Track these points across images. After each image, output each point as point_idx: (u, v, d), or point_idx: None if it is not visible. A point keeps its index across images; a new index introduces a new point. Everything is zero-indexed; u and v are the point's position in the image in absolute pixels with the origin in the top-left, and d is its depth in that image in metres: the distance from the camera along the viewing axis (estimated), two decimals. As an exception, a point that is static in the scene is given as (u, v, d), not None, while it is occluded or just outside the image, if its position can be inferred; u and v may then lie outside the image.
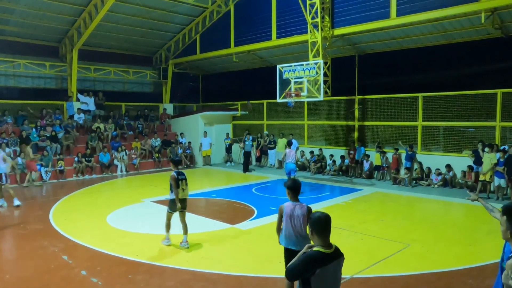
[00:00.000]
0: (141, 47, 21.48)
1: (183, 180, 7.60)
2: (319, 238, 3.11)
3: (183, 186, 7.56)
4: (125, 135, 19.30)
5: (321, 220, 3.14)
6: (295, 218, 4.84)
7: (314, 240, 3.15)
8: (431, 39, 14.62)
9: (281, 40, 16.97)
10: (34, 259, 6.98)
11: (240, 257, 7.06)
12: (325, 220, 3.15)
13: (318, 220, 3.14)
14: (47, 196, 13.10)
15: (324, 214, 3.19)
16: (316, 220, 3.15)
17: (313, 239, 3.16)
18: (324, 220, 3.14)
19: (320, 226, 3.12)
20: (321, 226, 3.12)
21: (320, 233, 3.11)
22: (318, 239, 3.12)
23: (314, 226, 3.13)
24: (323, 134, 18.17)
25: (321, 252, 3.05)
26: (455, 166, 13.46)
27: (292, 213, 4.86)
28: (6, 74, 18.16)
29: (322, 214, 3.18)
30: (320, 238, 3.11)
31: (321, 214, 3.18)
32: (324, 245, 3.10)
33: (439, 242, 7.82)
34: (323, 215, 3.17)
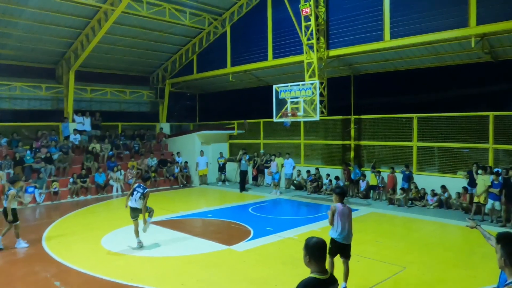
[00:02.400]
0: (138, 67, 21.64)
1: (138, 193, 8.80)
2: (316, 264, 3.05)
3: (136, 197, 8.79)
4: (121, 154, 19.26)
5: (319, 245, 3.08)
6: (345, 216, 6.29)
7: (311, 266, 3.08)
8: (424, 61, 14.86)
9: (277, 60, 17.17)
10: (26, 285, 6.86)
11: (236, 279, 6.97)
12: (322, 246, 3.10)
13: (316, 246, 3.07)
14: (41, 218, 12.95)
15: (320, 239, 3.12)
16: (314, 245, 3.07)
17: (310, 265, 3.08)
18: (321, 246, 3.09)
19: (318, 252, 3.07)
20: (318, 252, 3.07)
21: (317, 259, 3.05)
22: (315, 265, 3.06)
23: (312, 252, 3.06)
24: (319, 153, 18.20)
25: (317, 279, 3.01)
26: (450, 187, 13.48)
27: (343, 212, 6.29)
28: (0, 97, 18.04)
29: (319, 240, 3.11)
30: (316, 264, 3.05)
31: (318, 240, 3.11)
32: (320, 271, 3.04)
33: (435, 265, 7.77)
34: (320, 241, 3.10)
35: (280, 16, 16.69)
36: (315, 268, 3.05)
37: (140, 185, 8.86)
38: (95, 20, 16.20)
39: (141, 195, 8.73)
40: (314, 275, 3.03)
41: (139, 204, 8.77)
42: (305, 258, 3.10)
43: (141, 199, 8.74)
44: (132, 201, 8.79)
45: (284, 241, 9.43)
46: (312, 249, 3.06)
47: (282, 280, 6.84)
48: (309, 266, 3.10)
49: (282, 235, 9.90)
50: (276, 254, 8.42)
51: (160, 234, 10.21)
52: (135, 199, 8.75)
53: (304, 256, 3.12)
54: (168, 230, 10.57)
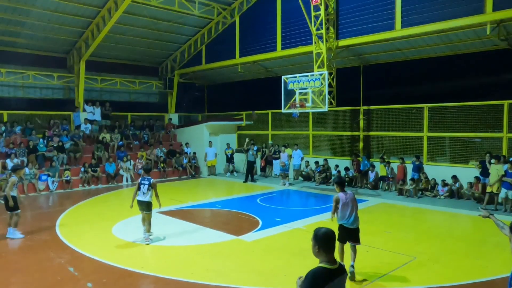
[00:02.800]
0: (147, 57, 21.72)
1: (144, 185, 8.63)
2: (325, 254, 3.08)
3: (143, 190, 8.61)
4: (130, 145, 19.43)
5: (327, 236, 3.11)
6: (348, 202, 6.74)
7: (320, 256, 3.11)
8: (436, 50, 14.65)
9: (286, 51, 17.08)
10: (41, 270, 7.01)
11: (245, 270, 7.04)
12: (332, 236, 3.13)
13: (325, 236, 3.11)
14: (54, 206, 13.18)
15: (329, 230, 3.15)
16: (323, 236, 3.11)
17: (319, 255, 3.12)
18: (330, 236, 3.12)
19: (327, 242, 3.10)
20: (327, 242, 3.10)
21: (326, 249, 3.08)
22: (324, 255, 3.09)
23: (321, 242, 3.09)
24: (328, 144, 18.16)
25: (326, 268, 3.03)
26: (461, 177, 13.39)
27: (346, 201, 6.72)
28: (15, 85, 18.41)
29: (328, 230, 3.14)
30: (325, 254, 3.08)
31: (327, 230, 3.14)
32: (329, 261, 3.07)
33: (445, 255, 7.76)
34: (329, 231, 3.13)
35: (289, 5, 16.56)
36: (324, 258, 3.08)
37: (145, 178, 8.72)
38: (105, 10, 16.30)
39: (149, 186, 8.60)
40: (323, 265, 3.06)
41: (148, 196, 8.60)
42: (314, 248, 3.13)
43: (150, 190, 8.65)
44: (140, 195, 8.60)
45: (293, 231, 9.48)
46: (321, 239, 3.09)
47: (290, 270, 6.89)
48: (318, 256, 3.13)
49: (290, 225, 9.94)
50: (285, 244, 8.47)
51: (170, 224, 10.33)
52: (143, 192, 8.60)
53: (313, 247, 3.14)
54: (177, 220, 10.68)
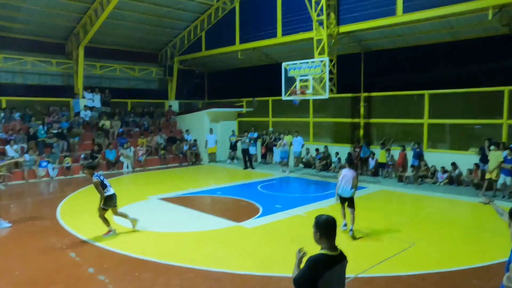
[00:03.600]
0: (146, 44, 21.54)
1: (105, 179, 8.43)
2: (326, 241, 3.10)
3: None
4: (131, 132, 19.42)
5: (328, 223, 3.12)
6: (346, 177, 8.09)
7: (321, 243, 3.13)
8: (438, 36, 14.51)
9: (286, 37, 16.93)
10: (43, 256, 7.07)
11: (245, 256, 7.10)
12: (333, 223, 3.14)
13: (326, 223, 3.12)
14: (54, 192, 13.24)
15: (330, 217, 3.16)
16: (324, 223, 3.12)
17: (320, 242, 3.14)
18: (331, 223, 3.13)
19: (328, 229, 3.11)
20: (328, 229, 3.11)
21: (327, 236, 3.10)
22: (325, 242, 3.11)
23: (322, 229, 3.10)
24: (328, 132, 18.16)
25: (327, 255, 3.05)
26: (461, 163, 13.41)
27: (345, 174, 8.12)
28: (13, 71, 18.30)
29: (329, 217, 3.15)
30: (327, 241, 3.10)
31: (328, 217, 3.15)
32: (330, 247, 3.10)
33: (444, 241, 7.82)
34: (330, 218, 3.15)
35: (290, -9, 16.37)
36: (326, 245, 3.10)
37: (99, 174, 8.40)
38: (103, -6, 16.09)
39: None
40: (324, 252, 3.07)
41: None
42: (316, 235, 3.14)
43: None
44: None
45: (293, 218, 9.53)
46: (322, 226, 3.10)
47: (290, 256, 6.87)
48: (319, 243, 3.14)
49: (290, 212, 9.99)
50: (285, 231, 8.52)
51: (170, 210, 10.39)
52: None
53: (314, 234, 3.16)
54: (177, 206, 10.73)
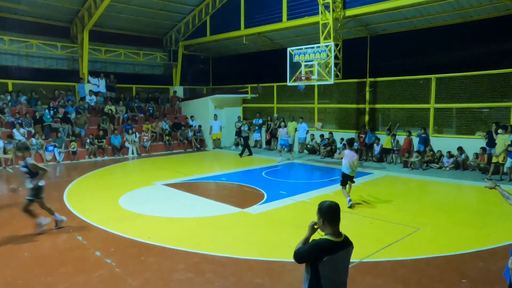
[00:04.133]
0: (151, 28, 21.39)
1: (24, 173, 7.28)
2: (330, 227, 3.11)
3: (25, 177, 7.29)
4: (135, 117, 19.45)
5: (332, 208, 3.13)
6: (350, 157, 9.13)
7: (325, 228, 3.14)
8: (446, 18, 14.24)
9: (291, 21, 16.74)
10: (51, 238, 7.17)
11: (250, 241, 7.14)
12: (336, 209, 3.14)
13: (329, 209, 3.13)
14: (61, 177, 13.35)
15: (334, 202, 3.17)
16: (327, 208, 3.13)
17: (324, 228, 3.15)
18: (334, 209, 3.14)
19: (331, 215, 3.11)
20: (332, 214, 3.11)
21: (331, 221, 3.11)
22: (329, 228, 3.12)
23: (325, 215, 3.11)
24: (333, 118, 18.07)
25: (330, 241, 3.06)
26: (467, 148, 13.34)
27: (348, 155, 9.13)
28: (19, 54, 18.32)
29: (332, 203, 3.17)
30: (330, 227, 3.11)
31: (331, 203, 3.16)
32: (334, 233, 3.10)
33: (449, 226, 7.81)
34: (333, 204, 3.16)
35: (296, -27, 16.12)
36: (330, 231, 3.11)
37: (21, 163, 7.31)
38: (108, -24, 15.94)
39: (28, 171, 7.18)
40: (329, 237, 3.08)
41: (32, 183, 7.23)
42: (319, 221, 3.15)
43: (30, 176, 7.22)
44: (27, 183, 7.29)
45: (297, 204, 9.55)
46: (325, 212, 3.12)
47: (294, 242, 6.88)
48: (323, 229, 3.15)
49: (295, 198, 10.01)
50: (289, 217, 8.55)
51: (175, 196, 10.45)
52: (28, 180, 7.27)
53: (318, 220, 3.17)
54: (182, 192, 10.78)
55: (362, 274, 5.70)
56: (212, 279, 5.56)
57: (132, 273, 5.75)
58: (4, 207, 9.58)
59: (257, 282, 5.49)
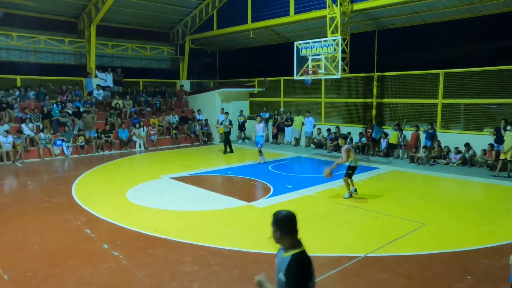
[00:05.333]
0: (158, 22, 21.41)
1: None
2: (290, 238, 2.75)
3: None
4: (143, 111, 19.55)
5: (289, 218, 2.78)
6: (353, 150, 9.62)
7: (283, 242, 2.77)
8: (455, 12, 14.05)
9: (298, 15, 16.65)
10: (59, 231, 7.28)
11: (256, 235, 7.19)
12: (293, 218, 2.80)
13: (286, 219, 2.77)
14: (69, 170, 13.50)
15: (290, 212, 2.82)
16: (284, 219, 2.77)
17: (282, 241, 2.78)
18: (292, 218, 2.79)
19: (290, 225, 2.77)
20: (290, 225, 2.77)
21: (290, 233, 2.75)
22: (289, 240, 2.75)
23: (283, 227, 2.74)
24: (340, 112, 18.01)
25: (304, 251, 2.74)
26: (475, 144, 13.23)
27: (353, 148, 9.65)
28: (27, 50, 18.47)
29: (289, 212, 2.81)
30: (290, 238, 2.76)
31: (288, 212, 2.81)
32: (295, 244, 2.75)
33: (455, 222, 7.80)
34: (290, 213, 2.81)
35: (303, -33, 16.01)
36: (290, 243, 2.75)
37: None
38: (114, -29, 15.97)
39: None
40: (300, 249, 2.73)
41: None
42: (275, 234, 2.77)
43: None
44: None
45: (303, 198, 9.58)
46: (283, 223, 2.76)
47: (300, 235, 7.02)
48: (280, 242, 2.79)
49: (301, 192, 10.04)
50: (295, 211, 8.38)
51: (182, 189, 10.53)
52: None
53: (274, 232, 2.78)
54: (189, 186, 10.86)
55: (367, 268, 5.73)
56: (217, 272, 5.62)
57: (139, 265, 5.84)
58: (13, 202, 9.73)
59: (262, 276, 5.54)
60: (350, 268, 5.75)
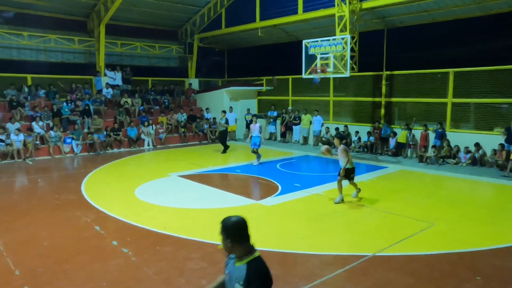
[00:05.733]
0: (166, 21, 21.52)
1: None
2: (242, 246, 2.54)
3: None
4: (151, 109, 19.66)
5: (240, 225, 2.56)
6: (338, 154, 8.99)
7: (235, 250, 2.56)
8: (466, 11, 13.92)
9: (307, 14, 16.61)
10: (69, 228, 7.37)
11: (264, 232, 7.19)
12: (244, 225, 2.58)
13: (237, 226, 2.55)
14: (79, 168, 13.63)
15: (240, 218, 2.60)
16: (235, 226, 2.55)
17: (234, 249, 2.56)
18: (243, 225, 2.57)
19: (241, 233, 2.55)
20: (242, 233, 2.56)
21: (241, 240, 2.54)
22: (242, 248, 2.54)
23: (234, 235, 2.52)
24: (348, 111, 17.94)
25: (259, 256, 2.57)
26: (485, 144, 13.11)
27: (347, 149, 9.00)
28: (37, 49, 18.68)
29: (239, 219, 2.58)
30: (242, 246, 2.55)
31: (238, 219, 2.58)
32: (249, 251, 2.55)
33: (464, 222, 7.74)
34: (240, 219, 2.58)
35: (312, -35, 15.97)
36: (243, 251, 2.54)
37: None
38: (123, -30, 16.08)
39: None
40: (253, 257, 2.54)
41: None
42: (226, 243, 2.54)
43: None
44: None
45: (311, 197, 9.57)
46: (233, 231, 2.54)
47: (307, 233, 7.03)
48: (232, 251, 2.58)
49: (309, 191, 10.03)
50: (303, 209, 8.58)
51: (190, 187, 10.58)
52: None
53: (223, 242, 2.56)
54: (197, 184, 10.91)
55: (374, 267, 5.71)
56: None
57: (148, 262, 5.89)
58: (24, 199, 9.86)
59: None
60: (358, 267, 5.74)
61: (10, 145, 14.26)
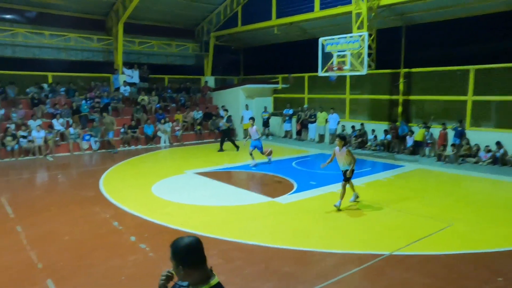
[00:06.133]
0: (183, 20, 21.67)
1: None
2: (200, 270, 2.18)
3: None
4: (168, 107, 19.84)
5: (192, 247, 2.17)
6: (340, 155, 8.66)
7: (192, 277, 2.17)
8: (490, 7, 13.48)
9: (324, 11, 16.49)
10: (88, 223, 7.52)
11: (279, 230, 7.22)
12: (196, 247, 2.19)
13: (188, 250, 2.16)
14: (97, 164, 13.87)
15: (192, 239, 2.21)
16: (185, 250, 2.16)
17: (185, 277, 2.18)
18: (196, 246, 2.19)
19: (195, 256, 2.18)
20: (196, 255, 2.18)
21: (198, 264, 2.18)
22: (199, 273, 2.17)
23: (187, 261, 2.14)
24: (365, 109, 17.77)
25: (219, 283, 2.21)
26: (507, 143, 12.81)
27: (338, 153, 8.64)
28: (58, 48, 19.04)
29: (190, 240, 2.20)
30: (201, 270, 2.18)
31: (189, 240, 2.19)
32: (209, 275, 2.19)
33: (484, 222, 7.60)
34: (192, 241, 2.19)
35: (328, -38, 15.84)
36: (199, 277, 2.17)
37: None
38: (142, -30, 16.25)
39: None
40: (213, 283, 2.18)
41: None
42: (178, 270, 2.17)
43: None
44: None
45: (327, 195, 9.52)
46: (185, 256, 2.15)
47: (322, 232, 7.02)
48: (186, 279, 2.20)
49: (325, 189, 10.00)
50: (319, 207, 8.55)
51: (207, 185, 10.66)
52: None
53: (175, 269, 2.20)
54: (213, 181, 10.98)
55: (391, 266, 5.66)
56: (241, 266, 5.69)
57: (165, 258, 5.89)
58: (45, 194, 10.09)
59: (285, 270, 5.57)
60: (374, 266, 5.70)
61: (32, 142, 14.60)
